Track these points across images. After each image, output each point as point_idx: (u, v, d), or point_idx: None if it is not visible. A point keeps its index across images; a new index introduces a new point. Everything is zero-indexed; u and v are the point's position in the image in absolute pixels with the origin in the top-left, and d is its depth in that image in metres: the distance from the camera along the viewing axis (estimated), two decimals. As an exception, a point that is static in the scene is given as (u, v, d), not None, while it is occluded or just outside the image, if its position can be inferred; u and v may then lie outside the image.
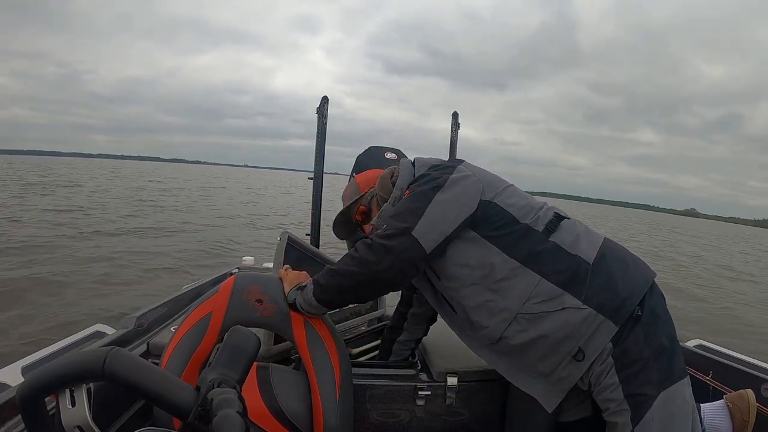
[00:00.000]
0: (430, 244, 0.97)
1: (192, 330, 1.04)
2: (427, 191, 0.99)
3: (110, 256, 6.66)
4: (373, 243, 0.96)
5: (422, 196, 0.99)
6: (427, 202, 0.98)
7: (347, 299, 1.08)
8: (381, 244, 0.95)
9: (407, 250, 0.95)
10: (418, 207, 0.98)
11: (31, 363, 1.25)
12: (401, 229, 0.96)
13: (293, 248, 1.45)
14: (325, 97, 2.10)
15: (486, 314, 0.99)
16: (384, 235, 0.97)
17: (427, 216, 0.96)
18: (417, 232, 0.95)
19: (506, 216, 0.99)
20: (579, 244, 0.98)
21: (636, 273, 0.99)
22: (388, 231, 0.97)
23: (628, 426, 0.90)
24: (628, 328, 0.92)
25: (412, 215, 0.97)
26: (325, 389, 1.04)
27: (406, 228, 0.96)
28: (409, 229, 0.95)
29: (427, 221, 0.96)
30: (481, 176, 1.04)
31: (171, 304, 1.60)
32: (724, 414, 1.08)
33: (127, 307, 3.94)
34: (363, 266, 0.96)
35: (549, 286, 0.94)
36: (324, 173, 2.15)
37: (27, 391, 0.49)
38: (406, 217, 0.97)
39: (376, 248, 0.95)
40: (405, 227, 0.96)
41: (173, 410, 0.48)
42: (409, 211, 0.98)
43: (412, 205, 0.98)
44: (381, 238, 0.96)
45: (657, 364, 0.91)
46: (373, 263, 0.95)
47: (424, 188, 1.00)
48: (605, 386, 0.93)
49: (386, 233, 0.97)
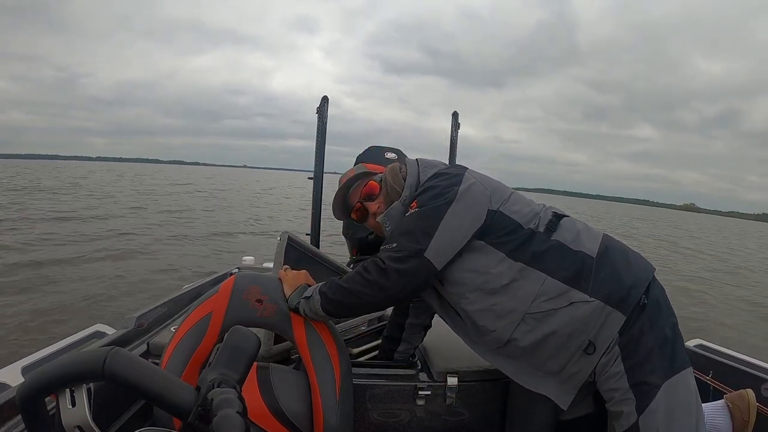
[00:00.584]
0: (443, 261, 0.98)
1: (192, 330, 1.04)
2: (437, 207, 0.99)
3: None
4: (387, 267, 0.96)
5: (432, 214, 0.98)
6: (438, 221, 0.97)
7: (354, 314, 1.09)
8: (395, 269, 0.96)
9: (420, 272, 0.96)
10: (429, 226, 0.97)
11: (31, 363, 1.25)
12: (414, 251, 0.96)
13: (293, 248, 1.45)
14: (325, 97, 2.10)
15: (492, 318, 0.98)
16: (396, 258, 0.96)
17: (438, 236, 0.97)
18: (429, 252, 0.96)
19: (512, 223, 1.00)
20: (581, 239, 0.99)
21: (638, 263, 1.00)
22: (401, 253, 0.97)
23: (633, 415, 0.91)
24: (634, 318, 0.93)
25: (424, 235, 0.97)
26: (325, 389, 1.04)
27: (419, 250, 0.96)
28: (422, 251, 0.96)
29: (439, 241, 0.96)
30: (487, 184, 1.04)
31: (171, 304, 1.60)
32: (725, 414, 1.08)
33: (128, 308, 3.94)
34: (375, 290, 0.97)
35: (555, 284, 0.94)
36: (324, 173, 2.15)
37: (27, 391, 0.49)
38: (418, 238, 0.97)
39: (390, 273, 0.96)
40: (418, 249, 0.96)
41: (173, 410, 0.48)
42: (420, 230, 0.97)
43: (423, 225, 0.98)
44: (394, 262, 0.96)
45: (661, 353, 0.92)
46: (386, 287, 0.96)
47: (434, 204, 1.00)
48: (610, 375, 0.94)
49: (399, 256, 0.97)
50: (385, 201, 1.15)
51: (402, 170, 1.15)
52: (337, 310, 1.03)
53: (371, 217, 1.18)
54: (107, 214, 11.77)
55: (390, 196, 1.13)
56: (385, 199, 1.15)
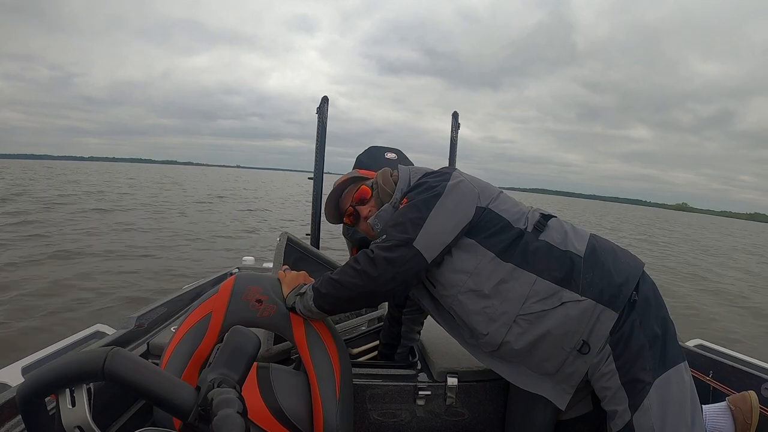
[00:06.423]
0: (432, 253, 0.97)
1: (192, 330, 1.04)
2: (426, 200, 1.00)
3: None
4: (375, 256, 0.96)
5: (422, 206, 0.99)
6: (427, 212, 0.98)
7: (347, 308, 1.08)
8: (383, 257, 0.95)
9: (409, 261, 0.96)
10: (418, 217, 0.98)
11: (31, 363, 1.25)
12: (403, 240, 0.96)
13: (293, 248, 1.45)
14: (325, 97, 2.10)
15: (485, 321, 0.99)
16: (385, 246, 0.96)
17: (427, 226, 0.97)
18: (419, 243, 0.96)
19: (501, 221, 1.00)
20: (568, 240, 0.99)
21: (627, 260, 1.00)
22: (390, 242, 0.97)
23: (627, 413, 0.91)
24: (625, 315, 0.93)
25: (413, 225, 0.97)
26: (325, 389, 1.04)
27: (407, 239, 0.96)
28: (410, 240, 0.96)
29: (428, 231, 0.97)
30: (476, 183, 1.05)
31: (171, 304, 1.60)
32: (727, 416, 1.07)
33: (128, 308, 3.94)
34: (365, 279, 0.96)
35: (545, 284, 0.95)
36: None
37: (27, 391, 0.49)
38: (407, 228, 0.97)
39: (379, 261, 0.95)
40: (407, 238, 0.96)
41: (173, 410, 0.48)
42: (410, 221, 0.98)
43: (413, 215, 0.98)
44: (383, 251, 0.96)
45: (652, 349, 0.92)
46: (376, 277, 0.95)
47: (423, 197, 1.00)
48: (602, 374, 0.94)
49: (387, 245, 0.96)
50: (376, 204, 1.16)
51: (393, 174, 1.17)
52: (330, 304, 1.02)
53: (363, 221, 1.19)
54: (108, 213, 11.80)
55: (381, 200, 1.15)
56: (377, 203, 1.16)
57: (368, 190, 1.18)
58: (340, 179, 1.25)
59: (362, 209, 1.19)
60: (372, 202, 1.17)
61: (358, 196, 1.20)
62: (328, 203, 1.25)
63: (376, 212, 1.12)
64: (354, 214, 1.21)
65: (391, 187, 1.14)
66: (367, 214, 1.17)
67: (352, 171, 1.31)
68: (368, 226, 1.15)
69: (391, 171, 1.19)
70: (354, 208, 1.20)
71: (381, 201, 1.14)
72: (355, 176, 1.24)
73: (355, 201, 1.20)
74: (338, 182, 1.24)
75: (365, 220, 1.17)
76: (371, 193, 1.18)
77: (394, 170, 1.18)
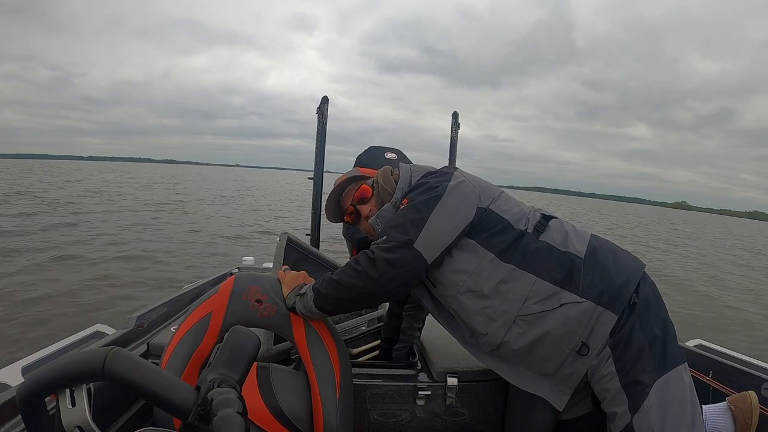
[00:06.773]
0: (432, 254, 0.97)
1: (192, 330, 1.04)
2: (427, 201, 0.99)
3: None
4: (376, 257, 0.96)
5: (422, 206, 0.99)
6: (427, 213, 0.98)
7: (347, 309, 1.07)
8: (384, 258, 0.95)
9: (410, 262, 0.96)
10: (419, 218, 0.97)
11: (31, 363, 1.25)
12: (403, 242, 0.96)
13: (293, 248, 1.45)
14: (325, 97, 2.10)
15: (484, 320, 0.99)
16: (386, 248, 0.96)
17: (428, 227, 0.97)
18: (419, 244, 0.96)
19: (502, 221, 1.00)
20: (569, 240, 0.99)
21: (627, 261, 1.00)
22: (390, 243, 0.96)
23: (627, 415, 0.91)
24: (625, 317, 0.93)
25: (414, 226, 0.97)
26: (325, 389, 1.04)
27: (408, 240, 0.96)
28: (411, 242, 0.96)
29: (428, 233, 0.96)
30: (476, 183, 1.05)
31: (171, 304, 1.60)
32: (727, 416, 1.07)
33: (129, 307, 3.93)
34: (365, 280, 0.96)
35: (545, 285, 0.94)
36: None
37: (27, 391, 0.49)
38: (407, 229, 0.97)
39: (379, 263, 0.95)
40: (407, 239, 0.96)
41: (173, 410, 0.48)
42: (411, 222, 0.97)
43: (413, 216, 0.98)
44: (383, 252, 0.96)
45: (652, 351, 0.92)
46: (376, 278, 0.95)
47: (424, 198, 1.00)
48: (602, 376, 0.94)
49: (388, 246, 0.96)
50: (377, 203, 1.15)
51: (394, 173, 1.17)
52: (330, 304, 1.01)
53: (363, 220, 1.19)
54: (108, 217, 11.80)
55: (381, 199, 1.14)
56: (377, 202, 1.15)
57: (369, 189, 1.18)
58: (341, 178, 1.24)
59: (363, 208, 1.18)
60: (373, 201, 1.17)
61: (359, 195, 1.19)
62: (329, 202, 1.24)
63: (376, 211, 1.12)
64: (355, 213, 1.21)
65: (392, 186, 1.13)
66: (367, 213, 1.17)
67: (352, 169, 1.30)
68: (369, 226, 1.15)
69: (392, 170, 1.18)
70: (355, 207, 1.20)
71: (382, 200, 1.14)
72: (356, 175, 1.24)
73: (355, 200, 1.20)
74: (339, 181, 1.24)
75: (366, 220, 1.17)
76: (372, 192, 1.18)
77: (395, 169, 1.18)
